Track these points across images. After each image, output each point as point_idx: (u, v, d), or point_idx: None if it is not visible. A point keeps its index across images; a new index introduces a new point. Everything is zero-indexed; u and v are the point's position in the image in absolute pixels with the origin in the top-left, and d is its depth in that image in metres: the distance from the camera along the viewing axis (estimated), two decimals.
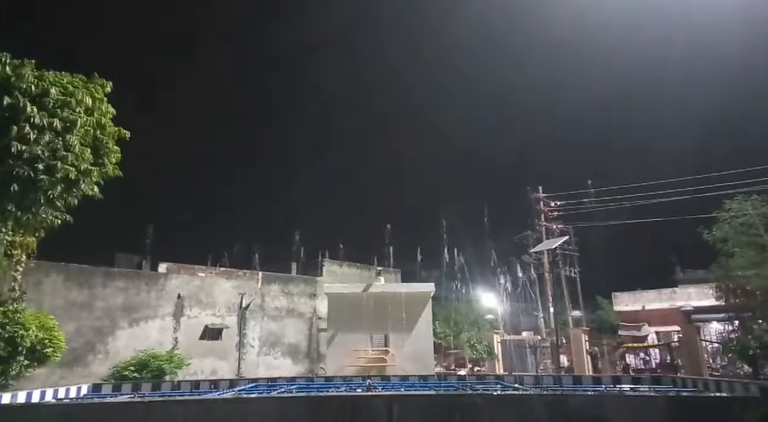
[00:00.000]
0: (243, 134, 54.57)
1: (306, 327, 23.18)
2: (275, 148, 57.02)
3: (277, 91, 56.53)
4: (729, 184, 18.02)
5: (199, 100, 52.01)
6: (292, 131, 58.14)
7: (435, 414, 6.30)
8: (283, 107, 57.72)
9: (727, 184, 18.23)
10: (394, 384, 11.36)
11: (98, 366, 17.08)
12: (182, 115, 45.15)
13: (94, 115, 11.76)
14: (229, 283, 21.36)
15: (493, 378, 12.42)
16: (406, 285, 21.58)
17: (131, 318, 18.46)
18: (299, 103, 57.28)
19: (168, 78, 44.54)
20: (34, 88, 10.87)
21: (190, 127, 45.81)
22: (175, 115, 44.86)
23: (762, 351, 14.57)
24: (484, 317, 29.04)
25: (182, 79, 47.24)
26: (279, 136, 58.06)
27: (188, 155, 46.76)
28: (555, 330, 21.97)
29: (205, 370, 19.48)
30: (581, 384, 11.06)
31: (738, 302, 15.33)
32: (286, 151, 58.09)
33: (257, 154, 56.83)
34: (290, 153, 58.85)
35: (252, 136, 56.27)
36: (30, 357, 11.13)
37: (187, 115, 47.27)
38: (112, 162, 12.23)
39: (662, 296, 23.92)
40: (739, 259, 14.77)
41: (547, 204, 26.44)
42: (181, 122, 45.63)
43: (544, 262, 25.56)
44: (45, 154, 10.79)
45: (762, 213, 14.97)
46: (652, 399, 7.42)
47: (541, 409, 6.33)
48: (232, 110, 54.76)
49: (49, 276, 16.95)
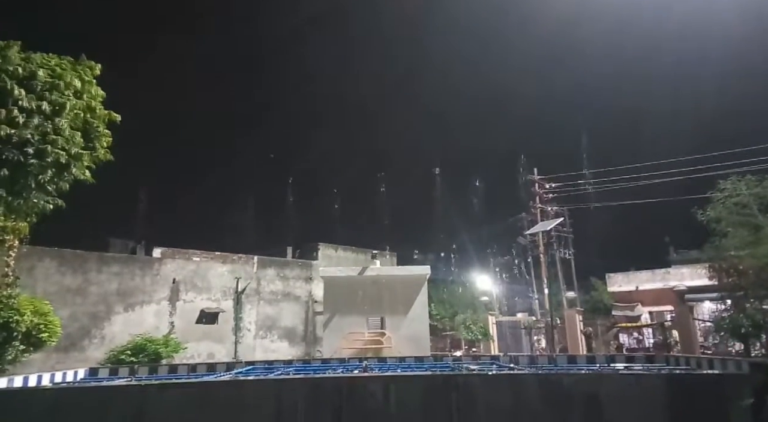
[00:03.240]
0: (241, 117, 53.94)
1: (302, 310, 23.26)
2: (271, 131, 56.53)
3: (271, 76, 55.88)
4: (723, 164, 18.07)
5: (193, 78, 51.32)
6: (289, 114, 57.56)
7: (431, 395, 6.34)
8: (279, 91, 57.08)
9: (721, 164, 18.28)
10: (390, 365, 11.46)
11: (94, 351, 17.11)
12: (177, 96, 44.55)
13: (84, 98, 11.56)
14: (224, 267, 21.35)
15: (489, 359, 12.55)
16: (402, 268, 21.65)
17: (126, 303, 18.45)
18: (292, 88, 56.67)
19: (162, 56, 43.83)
20: (21, 70, 10.66)
21: (184, 109, 45.26)
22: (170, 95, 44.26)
23: (754, 329, 14.74)
24: (480, 299, 29.25)
25: (175, 56, 46.50)
26: (276, 118, 57.48)
27: (183, 139, 46.27)
28: (550, 310, 22.17)
29: (201, 354, 19.56)
30: (575, 363, 11.18)
31: (731, 281, 15.45)
32: (282, 135, 57.62)
33: (253, 138, 56.40)
34: (286, 137, 58.40)
35: (250, 119, 55.66)
36: (25, 342, 11.08)
37: (181, 95, 46.70)
38: (103, 146, 12.06)
39: (656, 276, 24.15)
40: (732, 239, 14.84)
41: (542, 186, 26.47)
42: (175, 104, 45.08)
43: (539, 244, 25.68)
44: (35, 138, 10.62)
45: (756, 193, 15.01)
46: (646, 377, 7.50)
47: (535, 388, 6.38)
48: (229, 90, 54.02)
49: (43, 261, 16.86)
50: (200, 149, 50.27)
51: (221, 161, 53.93)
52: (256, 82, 55.98)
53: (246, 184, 54.39)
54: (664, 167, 21.89)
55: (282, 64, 55.35)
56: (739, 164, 17.41)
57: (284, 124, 59.90)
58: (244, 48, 51.75)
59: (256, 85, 57.12)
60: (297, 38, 54.33)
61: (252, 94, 55.48)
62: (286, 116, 57.80)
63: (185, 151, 48.52)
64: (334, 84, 55.53)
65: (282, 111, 59.04)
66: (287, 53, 55.92)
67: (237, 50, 53.41)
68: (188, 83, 48.38)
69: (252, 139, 55.41)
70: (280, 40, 52.84)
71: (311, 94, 58.50)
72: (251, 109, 55.92)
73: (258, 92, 55.57)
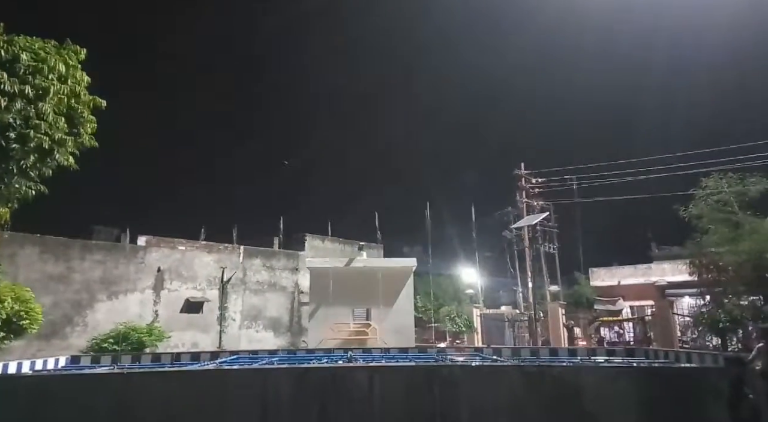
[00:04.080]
0: (231, 107, 53.33)
1: (288, 301, 23.24)
2: (262, 123, 55.99)
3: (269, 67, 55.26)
4: (706, 162, 18.31)
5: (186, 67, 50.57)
6: (280, 108, 57.03)
7: (415, 385, 6.40)
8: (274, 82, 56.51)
9: (704, 161, 18.52)
10: (375, 356, 11.53)
11: (77, 339, 16.95)
12: (166, 84, 43.96)
13: (68, 82, 11.37)
14: (210, 257, 21.22)
15: (473, 351, 12.67)
16: (389, 260, 21.69)
17: (110, 291, 18.27)
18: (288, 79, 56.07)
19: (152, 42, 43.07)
20: (3, 53, 10.46)
21: (172, 98, 44.65)
22: (158, 83, 43.62)
23: (731, 324, 15.06)
24: (465, 292, 29.46)
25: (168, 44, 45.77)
26: (266, 112, 56.99)
27: (172, 128, 45.66)
28: (533, 304, 22.39)
29: (186, 343, 19.47)
30: (557, 356, 11.34)
31: (710, 277, 15.71)
32: (273, 127, 57.09)
33: (243, 128, 55.84)
34: (276, 129, 57.93)
35: (242, 109, 55.07)
36: (6, 329, 10.98)
37: (170, 84, 46.04)
38: (87, 132, 11.91)
39: (638, 272, 24.47)
40: (713, 236, 15.10)
41: (528, 180, 26.61)
42: (162, 92, 44.42)
43: (524, 238, 25.87)
44: (17, 123, 10.46)
45: (736, 190, 15.27)
46: (626, 370, 7.65)
47: (518, 379, 6.48)
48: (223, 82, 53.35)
49: (24, 248, 16.61)
50: (189, 139, 49.80)
51: (211, 151, 53.43)
52: (254, 73, 55.37)
53: (235, 174, 54.03)
54: (648, 164, 22.12)
55: (279, 57, 54.78)
56: (722, 162, 17.66)
57: (277, 115, 59.42)
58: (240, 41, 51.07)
59: (254, 77, 56.47)
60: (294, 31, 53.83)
61: (247, 86, 54.98)
62: (279, 107, 57.36)
63: (174, 140, 48.01)
64: (329, 77, 55.11)
65: (275, 102, 58.58)
66: (282, 46, 55.40)
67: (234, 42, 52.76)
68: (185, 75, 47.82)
69: (243, 130, 54.97)
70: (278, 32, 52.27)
71: (306, 86, 58.05)
72: (244, 100, 55.42)
73: (255, 84, 55.06)
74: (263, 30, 51.46)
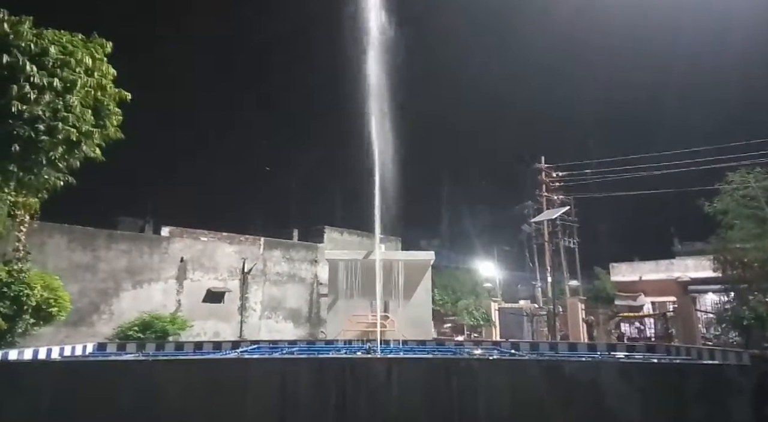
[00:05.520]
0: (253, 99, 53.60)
1: (307, 292, 23.47)
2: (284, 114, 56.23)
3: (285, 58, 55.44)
4: (730, 157, 17.94)
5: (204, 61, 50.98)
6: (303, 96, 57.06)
7: (433, 377, 6.44)
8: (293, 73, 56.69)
9: (728, 156, 18.15)
10: (393, 348, 11.60)
11: (103, 327, 17.40)
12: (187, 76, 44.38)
13: (95, 75, 11.61)
14: (231, 248, 21.52)
15: (490, 344, 12.67)
16: (407, 253, 21.73)
17: (135, 281, 18.68)
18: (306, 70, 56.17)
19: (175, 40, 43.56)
20: (33, 46, 10.70)
21: (196, 90, 45.06)
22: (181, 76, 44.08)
23: (756, 321, 14.79)
24: (483, 285, 29.37)
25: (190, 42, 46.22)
26: (289, 102, 57.17)
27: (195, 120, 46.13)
28: (552, 298, 22.26)
29: (207, 332, 19.83)
30: (576, 351, 11.28)
31: (735, 274, 15.46)
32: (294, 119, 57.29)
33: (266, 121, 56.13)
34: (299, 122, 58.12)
35: (261, 101, 55.37)
36: (35, 316, 11.30)
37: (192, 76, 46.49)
38: (113, 124, 12.15)
39: (660, 267, 24.14)
40: (738, 231, 14.83)
41: (548, 174, 26.37)
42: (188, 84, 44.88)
43: (543, 232, 25.68)
44: (46, 115, 10.70)
45: (764, 185, 14.94)
46: (647, 366, 7.59)
47: (536, 373, 6.47)
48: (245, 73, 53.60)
49: (53, 237, 17.06)
50: (212, 131, 50.28)
51: (232, 143, 53.89)
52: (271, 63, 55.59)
53: (255, 166, 54.38)
54: (671, 158, 21.75)
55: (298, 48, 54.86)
56: (747, 157, 17.29)
57: (296, 107, 59.58)
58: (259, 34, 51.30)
59: (271, 66, 56.68)
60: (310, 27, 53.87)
61: (266, 76, 55.21)
62: (300, 98, 57.51)
63: (197, 132, 48.55)
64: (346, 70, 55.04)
65: (296, 92, 58.72)
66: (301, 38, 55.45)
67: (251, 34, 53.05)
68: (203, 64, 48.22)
69: (264, 122, 55.28)
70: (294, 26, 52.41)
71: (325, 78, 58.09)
72: (264, 92, 55.72)
73: (272, 74, 55.26)
74: (281, 22, 51.60)
